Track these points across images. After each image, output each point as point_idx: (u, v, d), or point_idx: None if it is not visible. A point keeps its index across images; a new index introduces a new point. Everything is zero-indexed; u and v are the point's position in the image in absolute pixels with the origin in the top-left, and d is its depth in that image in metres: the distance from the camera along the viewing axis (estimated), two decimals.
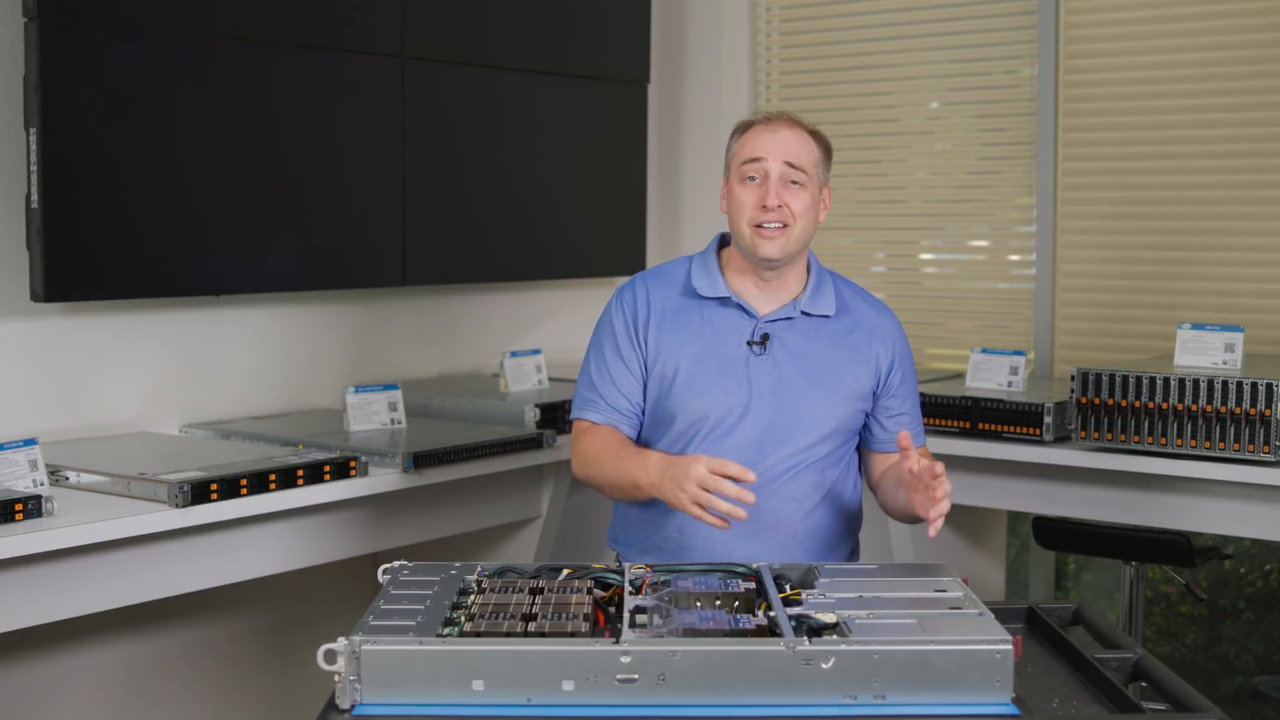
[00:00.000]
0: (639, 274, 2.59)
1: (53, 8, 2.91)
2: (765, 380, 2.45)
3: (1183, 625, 4.55)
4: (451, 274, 3.88)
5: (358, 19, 3.53)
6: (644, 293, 2.53)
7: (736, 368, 2.45)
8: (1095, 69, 3.92)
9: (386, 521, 3.10)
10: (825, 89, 4.42)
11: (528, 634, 1.79)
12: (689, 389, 2.45)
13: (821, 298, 2.51)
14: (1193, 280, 3.79)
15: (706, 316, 2.49)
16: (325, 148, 3.49)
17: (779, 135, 2.44)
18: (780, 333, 2.47)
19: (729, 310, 2.49)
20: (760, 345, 2.46)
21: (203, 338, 3.41)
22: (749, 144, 2.46)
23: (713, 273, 2.51)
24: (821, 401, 2.46)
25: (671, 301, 2.51)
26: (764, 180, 2.42)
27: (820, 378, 2.46)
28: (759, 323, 2.47)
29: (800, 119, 2.50)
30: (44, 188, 2.93)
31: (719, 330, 2.48)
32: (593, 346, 2.57)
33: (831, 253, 4.38)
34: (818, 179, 2.47)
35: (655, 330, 2.49)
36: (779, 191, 2.41)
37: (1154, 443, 3.17)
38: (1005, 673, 1.75)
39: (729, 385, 2.44)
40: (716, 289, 2.49)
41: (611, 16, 4.22)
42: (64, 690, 3.26)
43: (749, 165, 2.44)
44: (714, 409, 2.44)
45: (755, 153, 2.44)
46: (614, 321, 2.53)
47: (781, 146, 2.43)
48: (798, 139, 2.45)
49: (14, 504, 2.48)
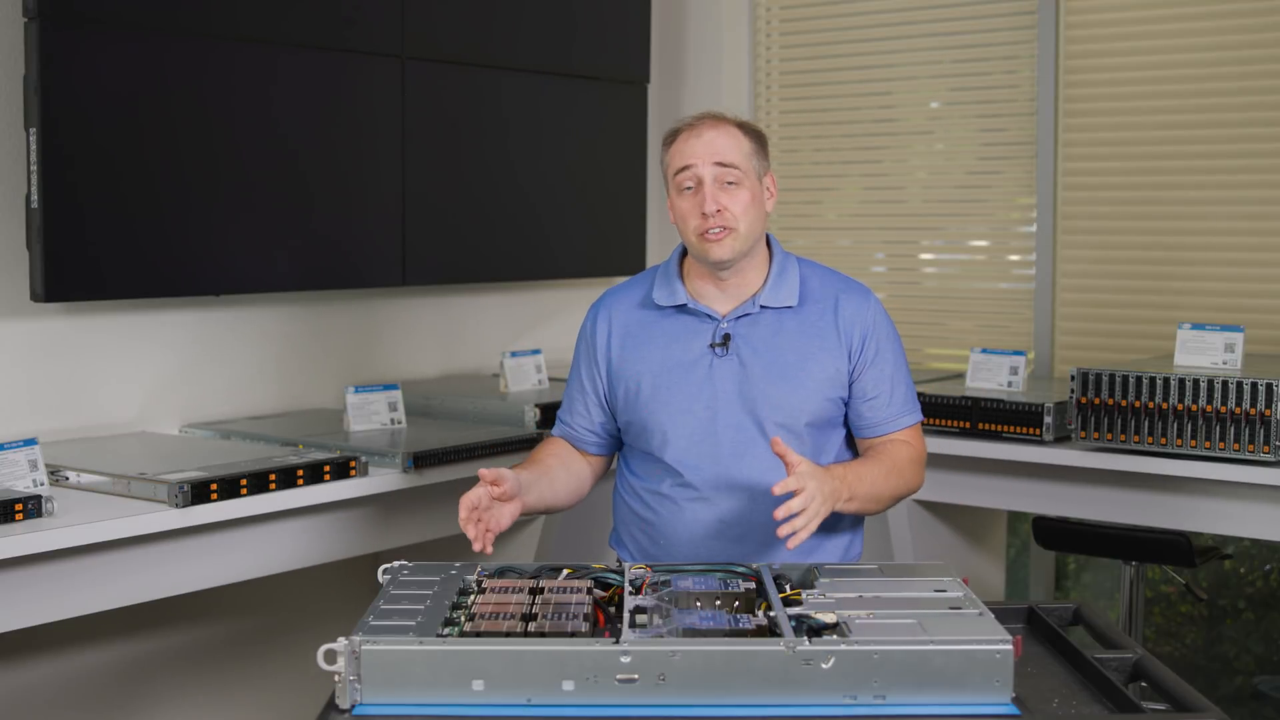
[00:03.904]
0: (607, 292, 2.62)
1: (53, 8, 2.91)
2: (730, 381, 2.43)
3: (1183, 625, 4.55)
4: (451, 274, 3.88)
5: (358, 19, 3.53)
6: (606, 315, 2.56)
7: (699, 372, 2.45)
8: (1095, 69, 3.92)
9: (386, 521, 3.10)
10: (825, 89, 4.42)
11: (528, 634, 1.79)
12: (654, 400, 2.46)
13: (783, 289, 2.48)
14: (1193, 280, 3.79)
15: (667, 326, 2.50)
16: (325, 148, 3.50)
17: (704, 138, 2.42)
18: (743, 330, 2.46)
19: (689, 316, 2.49)
20: (722, 346, 2.45)
21: (203, 338, 3.41)
22: (678, 153, 2.44)
23: (672, 281, 2.51)
24: (789, 395, 2.42)
25: (633, 317, 2.53)
26: (699, 187, 2.41)
27: (786, 371, 2.43)
28: (719, 324, 2.47)
29: (726, 115, 2.47)
30: (44, 188, 2.93)
31: (681, 338, 2.48)
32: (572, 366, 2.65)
33: (831, 252, 4.38)
34: (754, 171, 2.44)
35: (618, 350, 2.52)
36: (715, 196, 2.39)
37: (1154, 443, 3.17)
38: (1005, 673, 1.75)
39: (692, 391, 2.44)
40: (675, 297, 2.49)
41: (611, 16, 4.22)
42: (64, 690, 3.26)
43: (682, 175, 2.43)
44: (681, 416, 2.44)
45: (684, 160, 2.42)
46: (578, 345, 2.61)
47: (708, 149, 2.41)
48: (724, 137, 2.42)
49: (14, 504, 2.48)
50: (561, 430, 2.63)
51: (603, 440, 2.61)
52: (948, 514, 3.78)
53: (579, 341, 2.61)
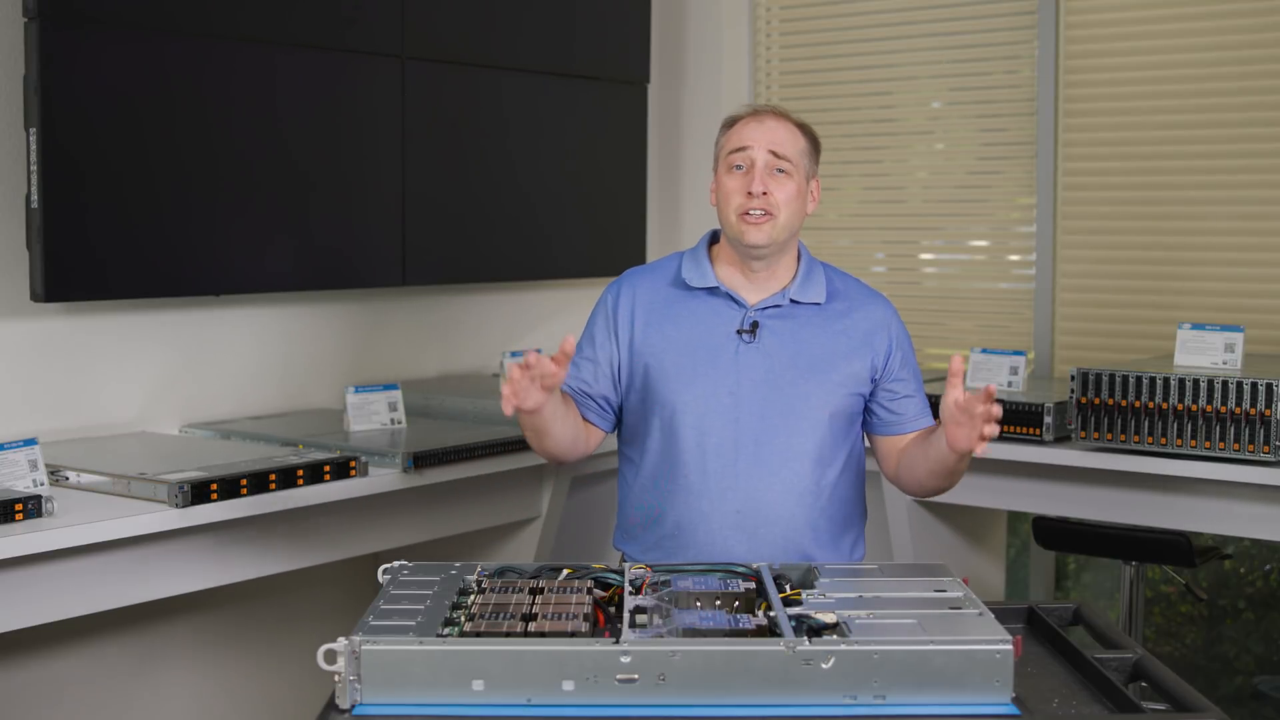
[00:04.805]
0: (629, 270, 2.61)
1: (53, 8, 2.91)
2: (755, 369, 2.45)
3: (1183, 625, 4.55)
4: (451, 274, 3.88)
5: (358, 19, 3.53)
6: (630, 290, 2.55)
7: (725, 357, 2.45)
8: (1095, 69, 3.92)
9: (386, 521, 3.10)
10: (825, 89, 4.42)
11: (528, 634, 1.79)
12: (678, 379, 2.46)
13: (811, 286, 2.51)
14: (1193, 280, 3.79)
15: (695, 307, 2.50)
16: (325, 148, 3.50)
17: (765, 125, 2.47)
18: (770, 321, 2.47)
19: (718, 300, 2.50)
20: (750, 334, 2.46)
21: (203, 338, 3.41)
22: (736, 135, 2.49)
23: (702, 264, 2.52)
24: (815, 389, 2.45)
25: (660, 294, 2.53)
26: (749, 169, 2.45)
27: (812, 365, 2.46)
28: (748, 312, 2.48)
29: (789, 112, 2.52)
30: (44, 188, 2.93)
31: (708, 320, 2.48)
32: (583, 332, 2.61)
33: (831, 252, 4.38)
34: (805, 169, 2.49)
35: (642, 325, 2.51)
36: (764, 179, 2.43)
37: (1154, 443, 3.17)
38: (1005, 673, 1.75)
39: (717, 375, 2.45)
40: (706, 279, 2.50)
41: (611, 16, 4.22)
42: (64, 690, 3.26)
43: (735, 155, 2.46)
44: (703, 397, 2.44)
45: (741, 142, 2.46)
46: (595, 316, 2.57)
47: (767, 135, 2.46)
48: (784, 129, 2.48)
49: (14, 504, 2.48)
50: (565, 387, 2.55)
51: (601, 410, 2.55)
52: (948, 514, 3.78)
53: (595, 314, 2.57)
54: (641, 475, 2.52)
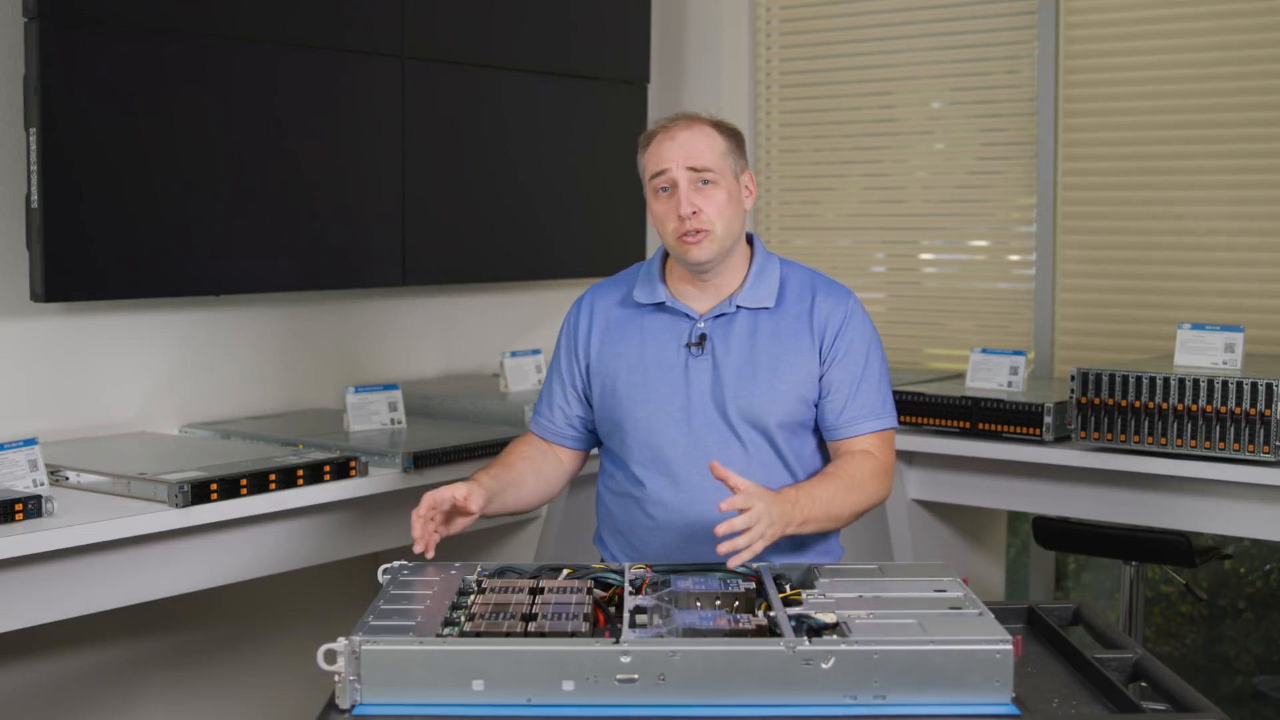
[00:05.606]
0: (594, 285, 2.62)
1: (53, 8, 2.91)
2: (703, 381, 2.43)
3: (1183, 625, 4.55)
4: (451, 274, 3.88)
5: (358, 19, 3.53)
6: (589, 307, 2.57)
7: (675, 371, 2.44)
8: (1095, 69, 3.92)
9: (386, 521, 3.10)
10: (825, 89, 4.42)
11: (528, 634, 1.79)
12: (630, 397, 2.46)
13: (760, 289, 2.46)
14: (1193, 280, 3.79)
15: (645, 324, 2.50)
16: (325, 148, 3.50)
17: (678, 141, 2.41)
18: (719, 330, 2.45)
19: (667, 315, 2.49)
20: (698, 346, 2.44)
21: (203, 338, 3.41)
22: (652, 157, 2.44)
23: (653, 280, 2.51)
24: (760, 396, 2.41)
25: (614, 312, 2.54)
26: (674, 190, 2.40)
27: (758, 373, 2.42)
28: (696, 323, 2.46)
29: (700, 115, 2.46)
30: (44, 188, 2.93)
31: (658, 336, 2.48)
32: (552, 358, 2.64)
33: (831, 252, 4.39)
34: (731, 170, 2.43)
35: (598, 342, 2.52)
36: (690, 199, 2.38)
37: (1154, 443, 3.17)
38: (1005, 673, 1.75)
39: (666, 390, 2.44)
40: (654, 295, 2.49)
41: (611, 16, 4.22)
42: (64, 690, 3.26)
43: (657, 179, 2.43)
44: (654, 414, 2.44)
45: (659, 165, 2.42)
46: (561, 337, 2.60)
47: (681, 152, 2.40)
48: (698, 138, 2.41)
49: (14, 504, 2.48)
50: (538, 427, 2.60)
51: (580, 435, 2.59)
52: (948, 514, 3.78)
53: (561, 333, 2.61)
54: (608, 485, 2.55)
